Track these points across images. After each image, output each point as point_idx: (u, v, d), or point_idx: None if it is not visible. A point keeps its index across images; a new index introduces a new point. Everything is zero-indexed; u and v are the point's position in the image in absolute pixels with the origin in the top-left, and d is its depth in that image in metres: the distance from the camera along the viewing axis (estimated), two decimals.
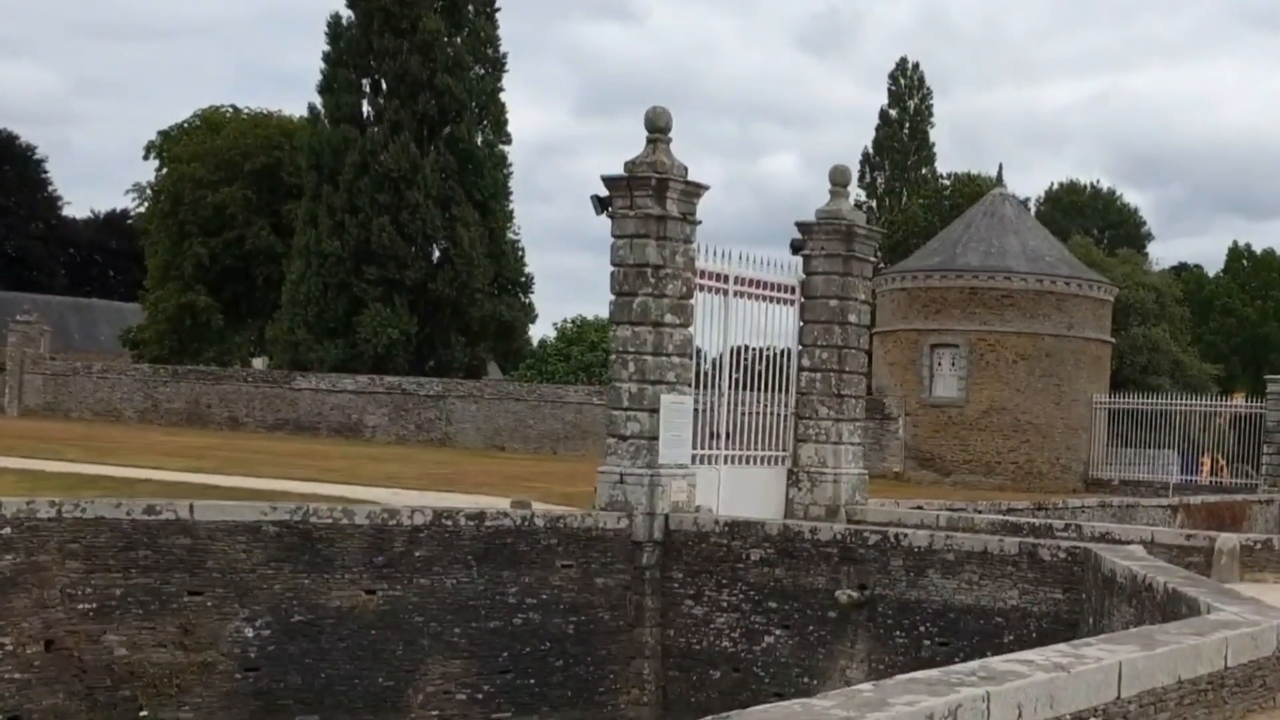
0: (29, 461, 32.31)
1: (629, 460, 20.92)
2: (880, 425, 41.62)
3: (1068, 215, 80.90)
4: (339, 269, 60.21)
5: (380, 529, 19.73)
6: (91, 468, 31.27)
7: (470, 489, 29.74)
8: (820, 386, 23.50)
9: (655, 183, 20.71)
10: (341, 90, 61.70)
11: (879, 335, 43.61)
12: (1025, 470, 40.35)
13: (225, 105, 79.76)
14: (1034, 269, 40.81)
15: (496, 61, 64.05)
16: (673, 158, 21.17)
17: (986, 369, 40.37)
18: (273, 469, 34.31)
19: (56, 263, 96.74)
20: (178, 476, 29.80)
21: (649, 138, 21.31)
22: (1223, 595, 12.50)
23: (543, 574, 20.33)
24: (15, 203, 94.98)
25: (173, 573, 18.87)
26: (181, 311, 71.17)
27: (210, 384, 57.85)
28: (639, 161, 21.04)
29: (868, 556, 18.88)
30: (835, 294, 23.52)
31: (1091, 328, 41.66)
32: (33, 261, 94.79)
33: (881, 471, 41.40)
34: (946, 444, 40.81)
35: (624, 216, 21.06)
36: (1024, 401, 40.44)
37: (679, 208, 21.02)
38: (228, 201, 71.43)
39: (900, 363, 41.73)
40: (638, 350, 20.95)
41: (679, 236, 21.07)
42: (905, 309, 41.81)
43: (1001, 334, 40.30)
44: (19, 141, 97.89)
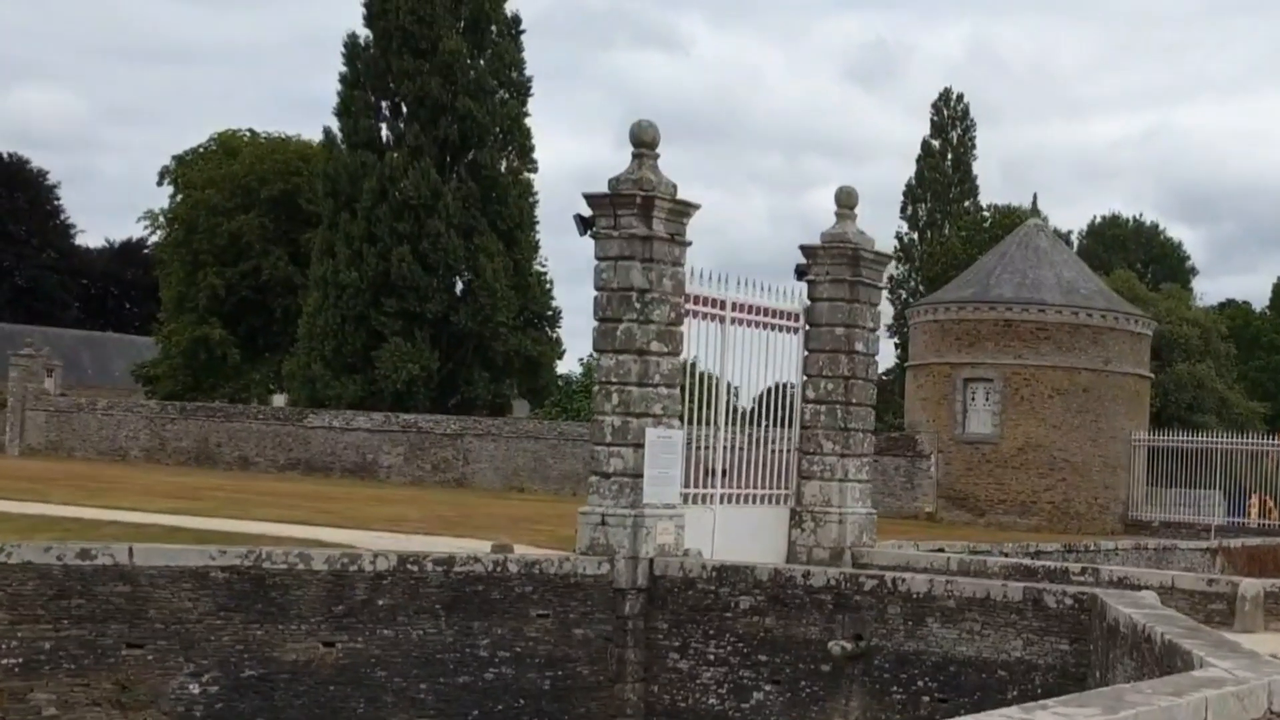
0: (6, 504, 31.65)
1: (611, 500, 19.98)
2: (911, 463, 40.58)
3: (1109, 249, 79.96)
4: (357, 301, 59.47)
5: (340, 575, 18.81)
6: (65, 510, 30.51)
7: (471, 532, 28.82)
8: (825, 420, 22.52)
9: (640, 201, 19.85)
10: (359, 113, 61.12)
11: (911, 369, 42.65)
12: (1062, 511, 39.19)
13: (243, 129, 79.23)
14: (1069, 301, 39.82)
15: (521, 85, 63.23)
16: (660, 175, 20.30)
17: (1021, 404, 39.29)
18: (267, 510, 33.50)
19: (69, 294, 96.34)
20: (153, 519, 29.02)
21: (634, 153, 20.47)
22: (1220, 648, 11.47)
23: (516, 624, 19.38)
24: (26, 231, 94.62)
25: (110, 623, 17.92)
26: (196, 345, 70.58)
27: (220, 422, 57.27)
28: (623, 178, 20.19)
29: (863, 604, 17.87)
30: (841, 321, 22.56)
31: (1130, 362, 40.56)
32: (44, 293, 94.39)
33: (913, 512, 40.34)
34: (980, 483, 39.70)
35: (607, 237, 20.20)
36: (1060, 438, 39.32)
37: (666, 228, 20.13)
38: (244, 230, 70.79)
39: (933, 397, 40.69)
40: (621, 380, 20.04)
41: (667, 258, 20.17)
42: (938, 342, 40.81)
43: (1037, 368, 39.24)
44: (30, 166, 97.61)
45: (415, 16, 59.58)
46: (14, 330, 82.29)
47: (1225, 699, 9.50)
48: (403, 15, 59.56)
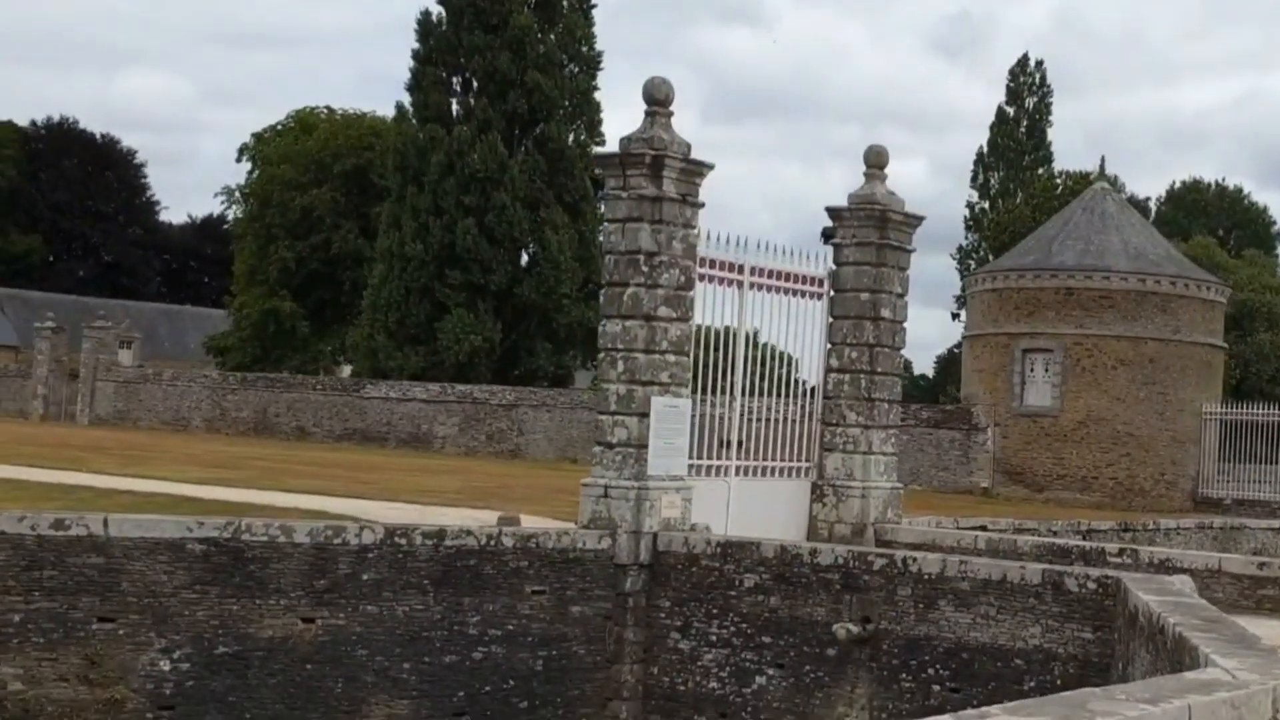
0: (28, 471, 30.83)
1: (614, 471, 18.67)
2: (967, 436, 38.86)
3: (1190, 215, 76.93)
4: (421, 273, 58.77)
5: (323, 548, 17.61)
6: (88, 478, 29.62)
7: (503, 504, 27.58)
8: (849, 390, 21.03)
9: (650, 160, 18.54)
10: (429, 88, 60.42)
11: (969, 340, 40.90)
12: (1126, 487, 37.20)
13: (320, 106, 78.84)
14: (1136, 268, 37.70)
15: (591, 59, 62.34)
16: (673, 133, 18.99)
17: (1083, 375, 37.33)
18: (301, 481, 32.54)
19: (151, 269, 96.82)
20: (169, 488, 28.02)
21: (647, 111, 19.15)
22: (1235, 644, 9.98)
23: (510, 601, 18.10)
24: (114, 209, 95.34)
25: (81, 596, 16.85)
26: (265, 317, 70.33)
27: (278, 392, 56.54)
28: (634, 137, 18.90)
29: (872, 584, 16.42)
30: (867, 286, 21.06)
31: (1200, 331, 38.33)
32: (128, 268, 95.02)
33: (968, 487, 38.65)
34: (1038, 457, 37.84)
35: (616, 198, 18.93)
36: (1124, 411, 37.31)
37: (677, 188, 18.80)
38: (315, 204, 70.49)
39: (990, 369, 38.86)
40: (627, 347, 18.71)
41: (677, 220, 18.83)
42: (996, 311, 38.94)
43: (1100, 338, 37.23)
44: (120, 146, 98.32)
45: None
46: (91, 303, 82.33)
47: (1215, 707, 8.03)
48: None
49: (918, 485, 39.08)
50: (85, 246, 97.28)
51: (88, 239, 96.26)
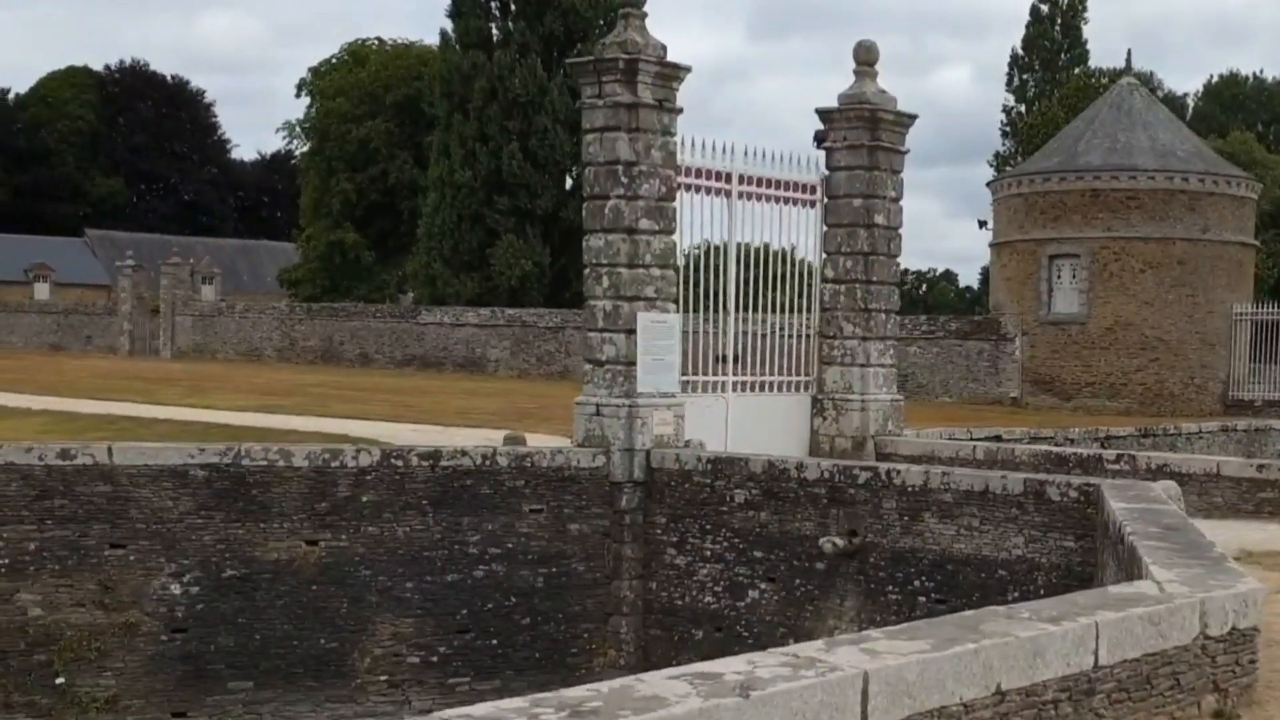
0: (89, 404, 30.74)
1: (605, 389, 18.05)
2: (995, 347, 37.79)
3: (1227, 110, 73.95)
4: (472, 200, 58.02)
5: (322, 471, 17.23)
6: (139, 409, 29.47)
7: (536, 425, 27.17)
8: (845, 300, 20.21)
9: (624, 65, 17.62)
10: (469, 14, 59.23)
11: (995, 248, 39.71)
12: (1155, 392, 35.97)
13: (371, 38, 78.13)
14: (1163, 165, 36.09)
15: None
16: (647, 36, 18.02)
17: (1110, 280, 36.04)
18: (346, 407, 32.31)
19: (227, 206, 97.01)
20: (212, 416, 27.88)
21: (621, 13, 18.25)
22: (1182, 553, 9.31)
23: (508, 520, 17.65)
24: (189, 149, 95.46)
25: (92, 524, 16.66)
26: (331, 249, 70.16)
27: (342, 321, 56.40)
28: (608, 43, 18.02)
29: (858, 498, 15.78)
30: (860, 192, 20.11)
31: (1230, 230, 36.74)
32: (205, 206, 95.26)
33: (998, 397, 37.69)
34: (1067, 365, 36.68)
35: (593, 107, 18.08)
36: (1153, 316, 36.00)
37: (653, 94, 17.89)
38: (371, 135, 70.07)
39: (1017, 277, 37.66)
40: (611, 262, 17.99)
41: (654, 127, 17.96)
42: (1022, 217, 37.65)
43: (1127, 240, 35.86)
44: (190, 87, 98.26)
45: None
46: (172, 241, 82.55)
47: (1129, 624, 7.37)
48: None
49: (948, 397, 38.20)
50: (165, 186, 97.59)
51: (166, 179, 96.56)
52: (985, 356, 37.93)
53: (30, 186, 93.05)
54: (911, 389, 38.78)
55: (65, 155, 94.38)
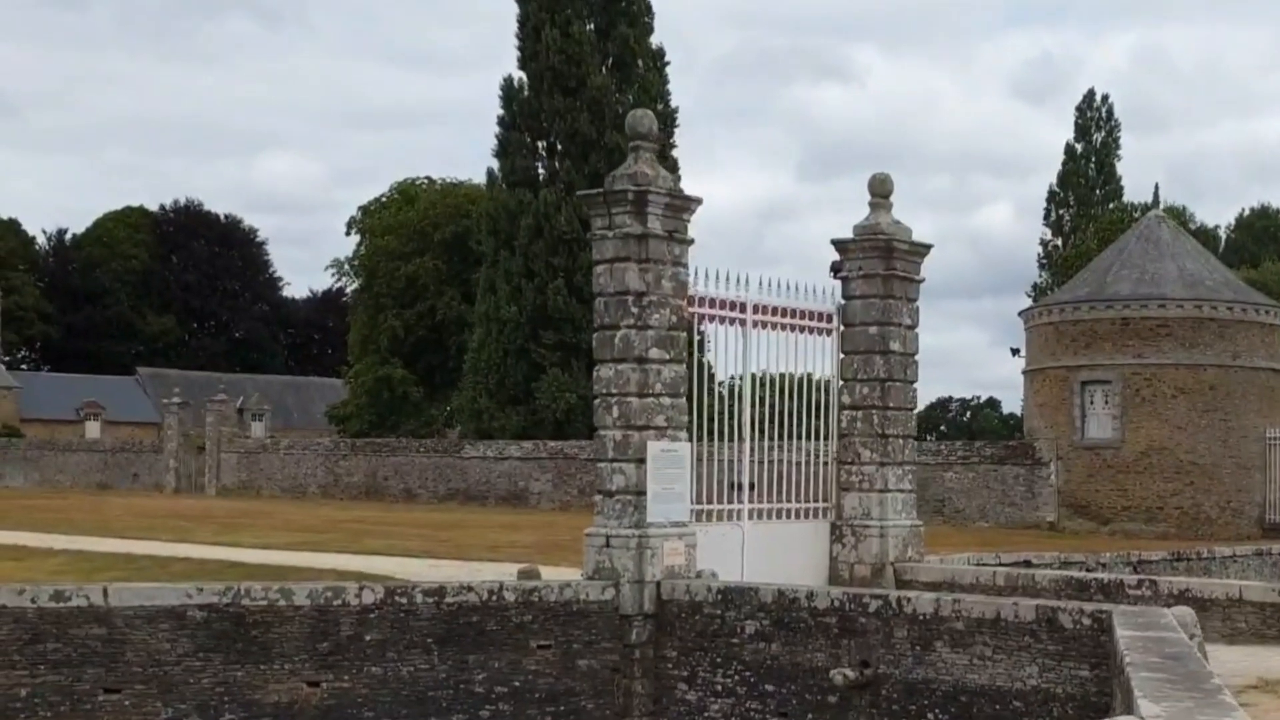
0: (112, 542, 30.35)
1: (615, 520, 17.47)
2: (1031, 471, 37.02)
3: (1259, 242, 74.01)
4: (517, 335, 58.05)
5: (324, 611, 16.61)
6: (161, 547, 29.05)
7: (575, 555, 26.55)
8: (862, 426, 19.63)
9: (633, 196, 17.32)
10: (515, 153, 59.85)
11: (1028, 374, 39.11)
12: (1191, 516, 35.09)
13: (421, 177, 78.87)
14: (1193, 294, 35.67)
15: (667, 116, 61.36)
16: (657, 169, 17.80)
17: (1143, 405, 35.36)
18: (378, 543, 31.82)
19: (278, 343, 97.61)
20: (234, 554, 27.39)
21: (631, 146, 18.01)
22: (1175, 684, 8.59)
23: (515, 657, 16.95)
24: (240, 286, 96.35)
25: (86, 668, 16.00)
26: (379, 385, 70.13)
27: (386, 456, 56.19)
28: (618, 175, 17.74)
29: (869, 627, 15.05)
30: (875, 319, 19.67)
31: (1261, 356, 36.08)
32: (255, 343, 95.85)
33: (1034, 521, 36.81)
34: (1102, 490, 35.84)
35: (603, 238, 17.75)
36: (1186, 440, 35.25)
37: (664, 225, 17.56)
38: (419, 272, 70.46)
39: (1050, 403, 37.02)
40: (621, 391, 17.51)
41: (665, 258, 17.59)
42: (1054, 345, 37.14)
43: (1158, 366, 35.24)
44: (243, 226, 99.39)
45: (564, 56, 58.24)
46: (221, 378, 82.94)
47: None
48: (552, 56, 58.23)
49: (985, 522, 37.38)
50: (216, 324, 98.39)
51: (218, 316, 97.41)
52: (1021, 481, 37.17)
53: (84, 326, 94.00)
54: (948, 514, 37.98)
55: (119, 294, 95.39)
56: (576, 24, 58.56)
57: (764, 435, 19.14)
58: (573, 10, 58.80)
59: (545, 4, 58.63)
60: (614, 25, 59.24)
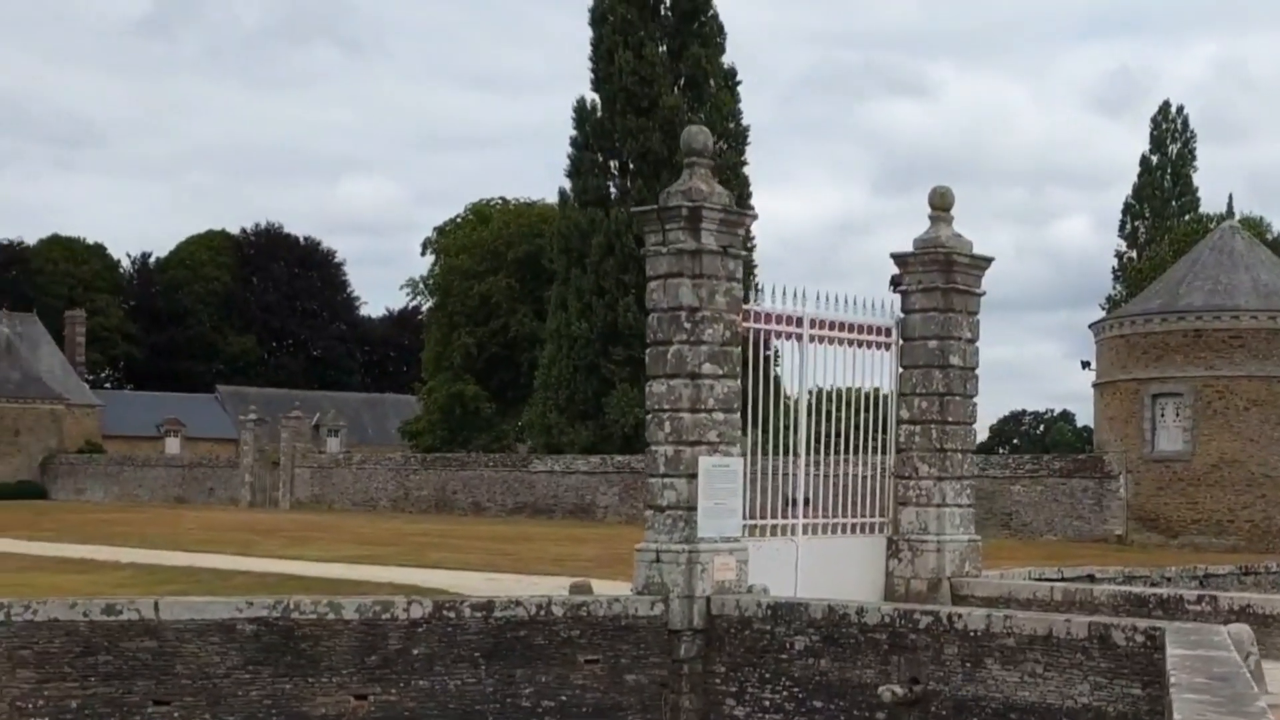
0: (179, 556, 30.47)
1: (665, 535, 17.24)
2: (1100, 485, 36.35)
3: None
4: (588, 351, 58.11)
5: (372, 624, 16.47)
6: (223, 560, 29.15)
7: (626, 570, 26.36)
8: (920, 441, 19.25)
9: (687, 212, 17.16)
10: (587, 173, 60.08)
11: (1098, 388, 38.43)
12: (1262, 529, 34.28)
13: (495, 198, 79.22)
14: (1267, 305, 34.86)
15: (738, 135, 61.36)
16: (712, 184, 17.62)
17: (1214, 418, 34.61)
18: (444, 555, 31.79)
19: (354, 361, 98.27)
20: (298, 568, 27.42)
21: (686, 163, 17.90)
22: (1218, 706, 8.21)
23: (563, 671, 16.73)
24: (318, 306, 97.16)
25: (136, 680, 15.94)
26: (452, 401, 70.40)
27: (455, 470, 56.31)
28: (672, 191, 17.58)
29: (919, 643, 14.69)
30: (934, 333, 19.29)
31: None
32: (333, 361, 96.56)
33: (1102, 535, 36.15)
34: (1172, 503, 35.11)
35: (657, 254, 17.58)
36: (1259, 452, 34.45)
37: (718, 240, 17.36)
38: (493, 291, 70.65)
39: (1120, 416, 36.32)
40: (673, 407, 17.31)
41: (719, 273, 17.39)
42: (1124, 358, 36.44)
43: (1230, 379, 34.48)
44: (321, 247, 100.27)
45: (637, 77, 58.43)
46: (297, 396, 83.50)
47: None
48: (625, 77, 58.45)
49: (1052, 535, 36.77)
50: (295, 343, 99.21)
51: (296, 335, 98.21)
52: (1090, 494, 36.52)
53: (167, 345, 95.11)
54: (1015, 527, 37.40)
55: (201, 315, 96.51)
56: (649, 45, 58.63)
57: (820, 450, 18.81)
58: (645, 32, 58.92)
59: (619, 26, 58.83)
60: (686, 46, 59.32)
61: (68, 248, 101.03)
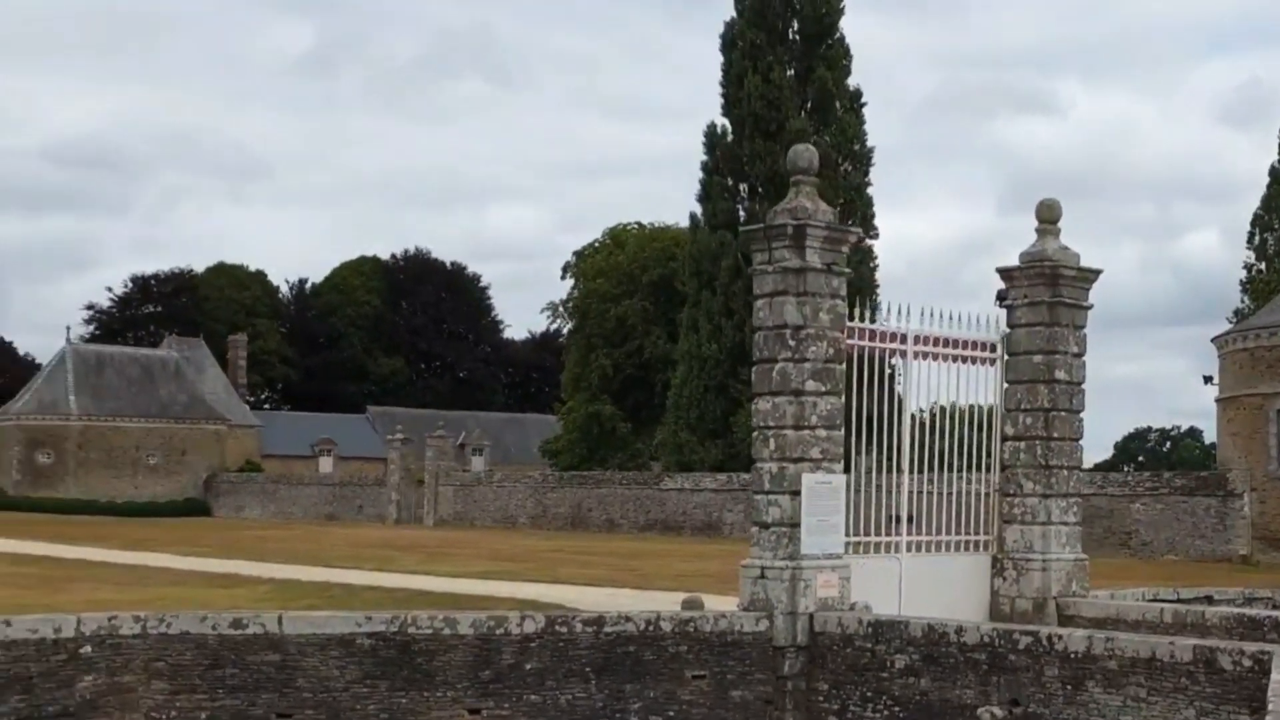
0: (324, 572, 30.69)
1: (770, 552, 16.91)
2: (1223, 503, 35.08)
3: None
4: (717, 371, 58.00)
5: (486, 639, 16.35)
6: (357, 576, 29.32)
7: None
8: (1025, 458, 18.63)
9: (792, 230, 16.86)
10: (717, 197, 60.13)
11: (1221, 403, 37.13)
12: None
13: (631, 222, 79.50)
14: None
15: (863, 156, 60.88)
16: (817, 202, 17.28)
17: None
18: (569, 570, 31.77)
19: (498, 382, 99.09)
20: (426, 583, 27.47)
21: (791, 181, 17.59)
22: None
23: (670, 687, 16.46)
24: (464, 329, 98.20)
25: (260, 693, 16.01)
26: (589, 420, 70.71)
27: (590, 488, 56.37)
28: (778, 210, 17.30)
29: (1019, 664, 14.16)
30: (1040, 348, 18.66)
31: None
32: (477, 382, 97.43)
33: (1225, 555, 34.88)
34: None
35: (762, 273, 17.34)
36: None
37: (821, 258, 17.03)
38: (628, 313, 70.88)
39: (1244, 432, 35.03)
40: (778, 425, 17.01)
41: (823, 291, 17.06)
42: (1248, 372, 35.14)
43: None
44: (467, 272, 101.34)
45: (765, 101, 58.42)
46: (443, 415, 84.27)
47: None
48: (753, 101, 58.50)
49: (1174, 555, 35.58)
50: (442, 365, 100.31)
51: (443, 357, 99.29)
52: (1212, 513, 35.28)
53: (321, 368, 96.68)
54: (1135, 546, 36.31)
55: (352, 338, 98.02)
56: (777, 70, 58.53)
57: (924, 467, 18.33)
58: (774, 57, 58.87)
59: (748, 52, 58.85)
60: (813, 69, 59.14)
61: (232, 275, 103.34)
